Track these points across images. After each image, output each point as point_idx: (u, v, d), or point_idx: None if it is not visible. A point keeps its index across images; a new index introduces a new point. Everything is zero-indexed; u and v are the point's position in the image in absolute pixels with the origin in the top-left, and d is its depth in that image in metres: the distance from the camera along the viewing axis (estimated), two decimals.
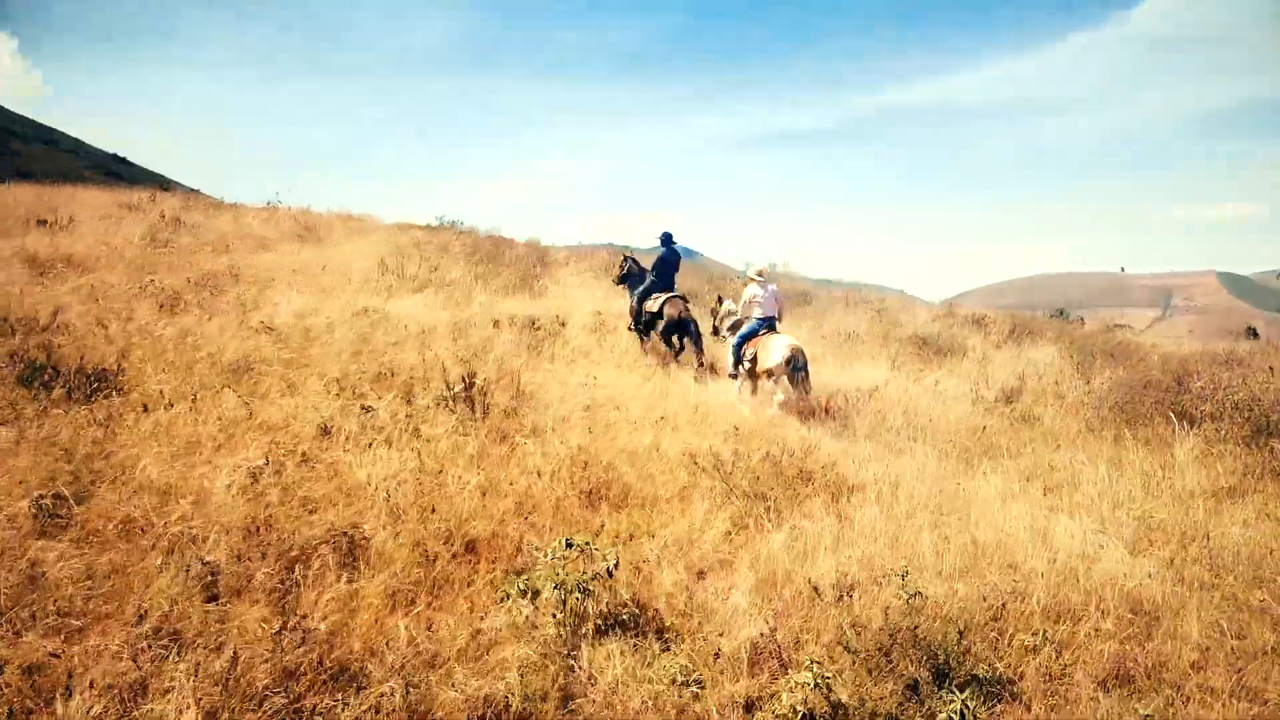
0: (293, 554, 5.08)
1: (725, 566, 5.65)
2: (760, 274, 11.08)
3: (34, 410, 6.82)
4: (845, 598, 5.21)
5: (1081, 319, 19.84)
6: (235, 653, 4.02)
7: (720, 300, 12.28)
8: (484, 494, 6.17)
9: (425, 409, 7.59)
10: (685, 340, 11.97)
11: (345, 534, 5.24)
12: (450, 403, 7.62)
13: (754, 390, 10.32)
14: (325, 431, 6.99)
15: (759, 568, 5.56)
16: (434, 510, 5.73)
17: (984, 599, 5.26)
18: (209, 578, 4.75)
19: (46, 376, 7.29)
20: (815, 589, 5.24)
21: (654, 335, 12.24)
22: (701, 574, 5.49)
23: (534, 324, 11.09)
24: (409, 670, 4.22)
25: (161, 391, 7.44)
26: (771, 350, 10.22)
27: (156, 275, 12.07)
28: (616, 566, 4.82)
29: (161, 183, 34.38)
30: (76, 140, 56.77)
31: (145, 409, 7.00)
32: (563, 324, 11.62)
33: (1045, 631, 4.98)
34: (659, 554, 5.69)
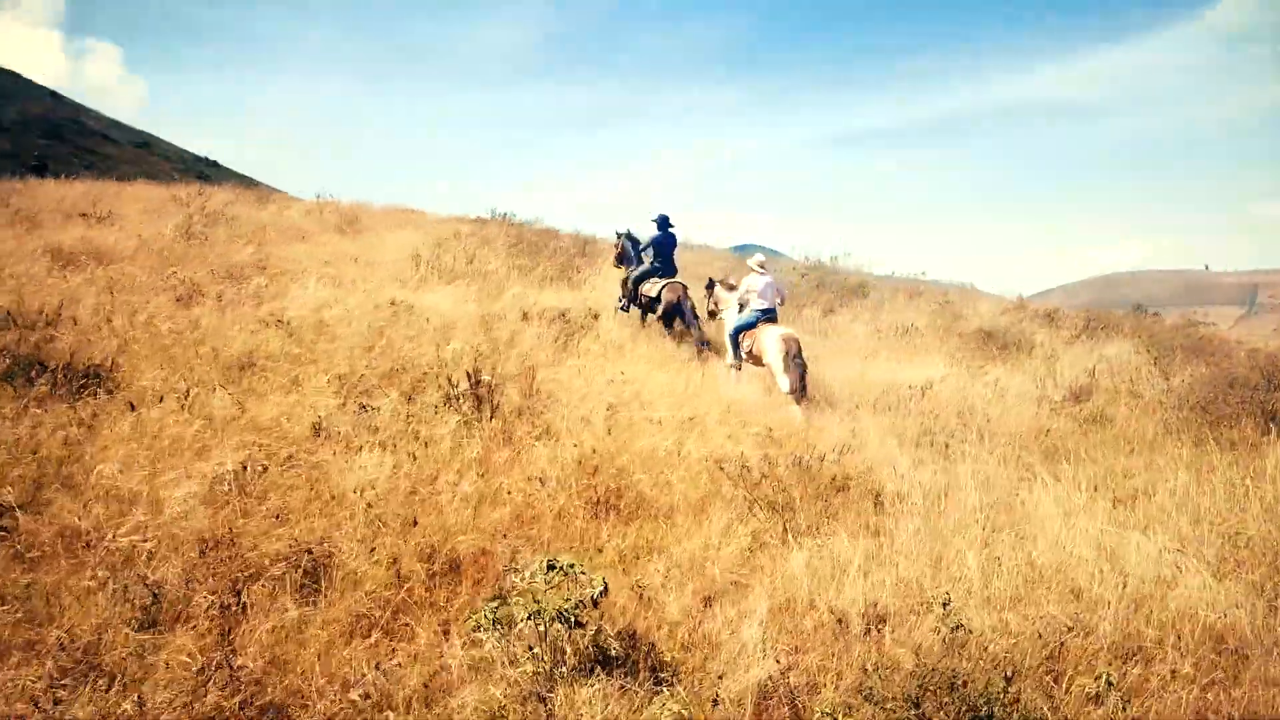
0: (250, 573, 4.56)
1: (741, 590, 4.98)
2: (761, 265, 10.86)
3: (13, 409, 6.42)
4: (874, 630, 4.52)
5: (1156, 313, 18.62)
6: (141, 696, 3.48)
7: (711, 283, 12.12)
8: (479, 504, 5.59)
9: (430, 408, 7.05)
10: (683, 324, 11.79)
11: (309, 550, 4.69)
12: (456, 402, 7.06)
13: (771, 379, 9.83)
14: (318, 432, 6.49)
15: (777, 593, 4.88)
16: (416, 523, 5.16)
17: (1039, 634, 4.52)
18: (149, 600, 4.24)
19: (33, 373, 6.91)
20: (840, 620, 4.56)
21: (651, 318, 12.20)
22: (708, 600, 4.82)
23: (564, 316, 10.50)
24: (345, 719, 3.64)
25: (153, 389, 7.02)
26: (767, 342, 9.93)
27: (181, 267, 11.74)
28: (604, 593, 4.18)
29: (246, 183, 34.70)
30: (169, 144, 57.97)
31: (131, 407, 6.58)
32: (595, 316, 11.02)
33: (1110, 675, 4.21)
34: (667, 574, 5.06)
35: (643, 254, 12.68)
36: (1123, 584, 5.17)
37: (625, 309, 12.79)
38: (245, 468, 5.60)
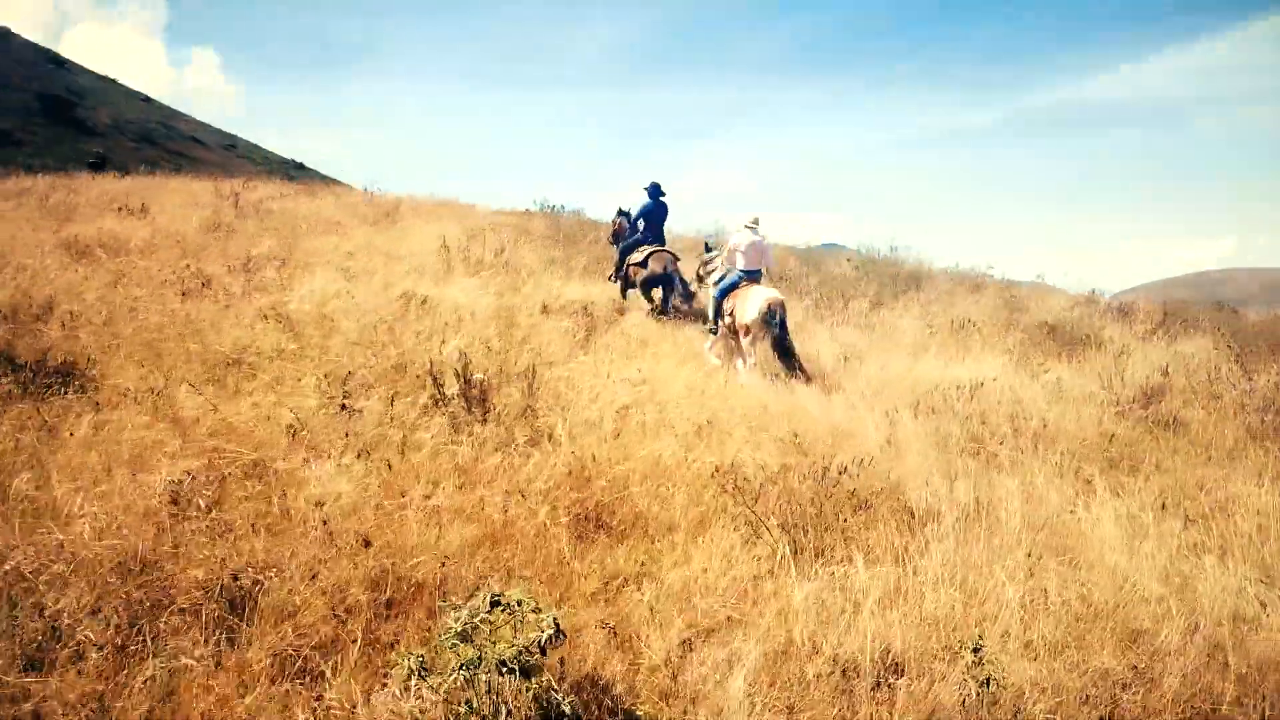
0: (165, 603, 4.00)
1: (735, 627, 4.29)
2: (755, 222, 10.36)
3: None
4: (886, 683, 3.79)
5: (1235, 310, 17.28)
6: None
7: (707, 247, 11.69)
8: (450, 521, 4.98)
9: (422, 410, 6.47)
10: (668, 294, 11.54)
11: (235, 577, 4.11)
12: (447, 403, 6.46)
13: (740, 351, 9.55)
14: (294, 435, 5.94)
15: (774, 633, 4.16)
16: (368, 543, 4.55)
17: (1088, 696, 3.74)
18: (43, 636, 3.70)
19: (2, 370, 6.50)
20: (845, 669, 3.84)
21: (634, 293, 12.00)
22: (691, 642, 4.12)
23: (586, 310, 9.86)
24: None
25: (128, 388, 6.56)
26: (748, 304, 9.45)
27: (196, 259, 11.39)
28: (557, 637, 3.50)
29: (325, 182, 34.85)
30: (256, 146, 59.01)
31: (98, 408, 6.11)
32: (620, 311, 10.37)
33: None
34: (654, 607, 4.38)
35: (635, 225, 12.34)
36: (1193, 624, 4.37)
37: (617, 279, 12.52)
38: (196, 476, 5.06)
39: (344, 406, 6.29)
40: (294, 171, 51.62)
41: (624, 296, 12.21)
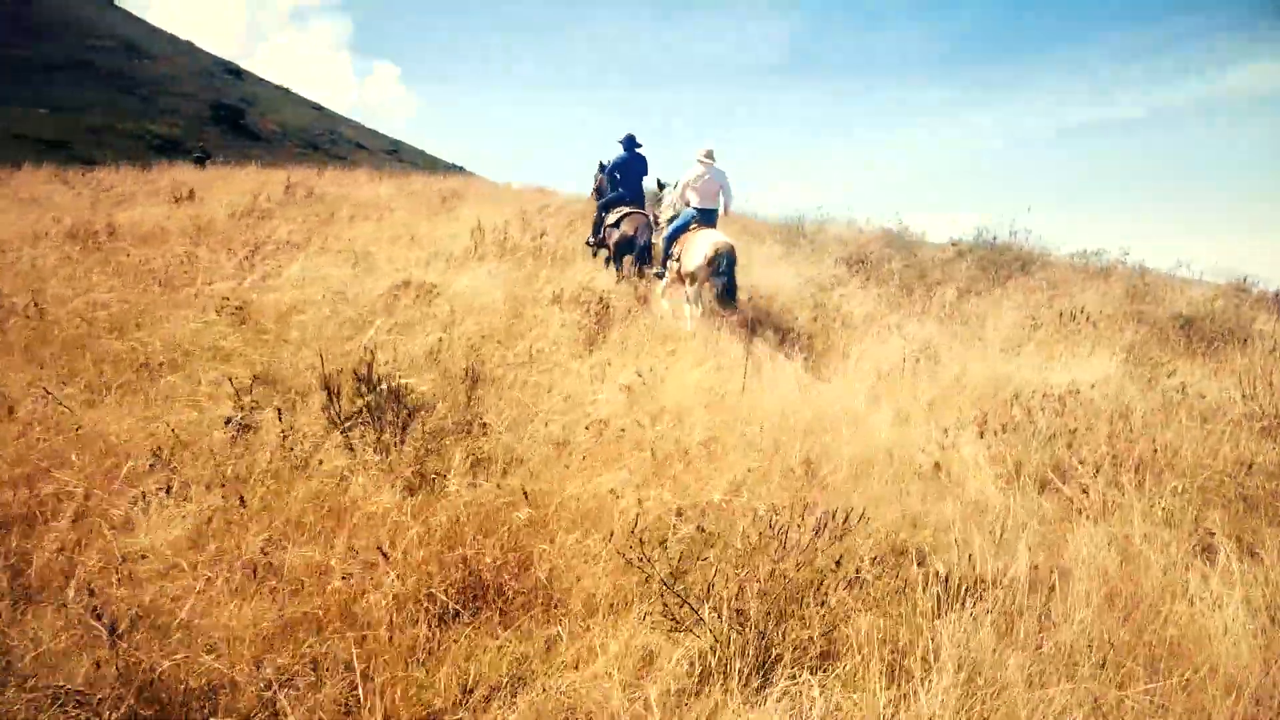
0: None
1: None
2: (709, 155, 9.45)
3: None
4: None
5: None
6: None
7: (660, 185, 11.09)
8: (271, 592, 3.65)
9: (325, 425, 5.15)
10: (641, 263, 10.44)
11: None
12: (348, 420, 5.10)
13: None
14: (155, 463, 4.70)
15: None
16: (115, 631, 3.23)
17: None
18: None
19: None
20: None
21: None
22: None
23: (601, 300, 8.40)
24: None
25: (4, 394, 5.48)
26: (694, 248, 8.75)
27: (207, 246, 10.48)
28: None
29: (470, 177, 34.76)
30: (420, 151, 60.19)
31: None
32: (643, 300, 8.89)
33: None
34: None
35: (611, 179, 11.35)
36: None
37: (591, 244, 11.62)
38: None
39: (229, 420, 5.04)
40: (450, 172, 52.29)
41: (606, 264, 11.13)
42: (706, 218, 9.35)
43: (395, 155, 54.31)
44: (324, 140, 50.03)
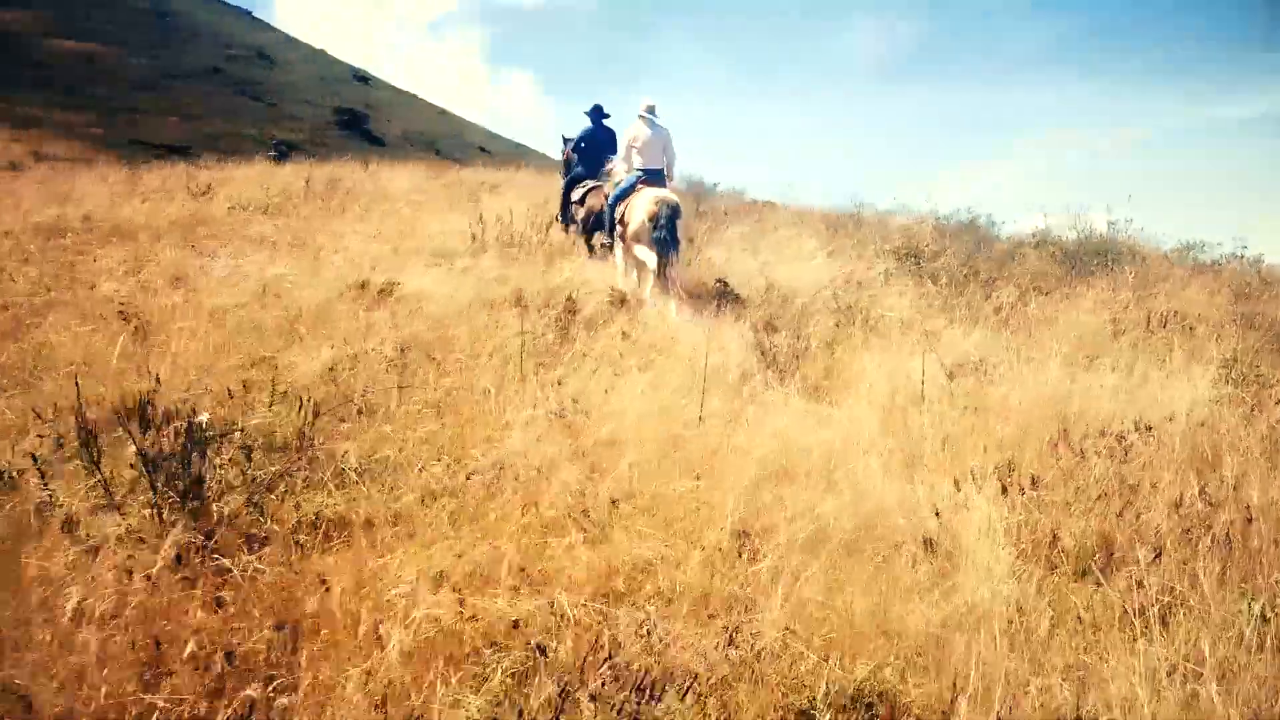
0: None
1: None
2: (650, 109, 8.75)
3: None
4: None
5: None
6: None
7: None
8: None
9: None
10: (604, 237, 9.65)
11: None
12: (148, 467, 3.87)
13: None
14: None
15: None
16: None
17: None
18: None
19: None
20: None
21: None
22: None
23: (572, 302, 7.07)
24: None
25: None
26: (636, 207, 8.19)
27: (172, 243, 9.53)
28: None
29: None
30: (544, 155, 60.76)
31: None
32: (620, 302, 7.50)
33: None
34: None
35: (579, 152, 10.42)
36: None
37: (562, 221, 10.81)
38: None
39: None
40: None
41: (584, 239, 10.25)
42: (652, 177, 8.62)
43: (519, 157, 54.31)
44: (445, 143, 50.03)
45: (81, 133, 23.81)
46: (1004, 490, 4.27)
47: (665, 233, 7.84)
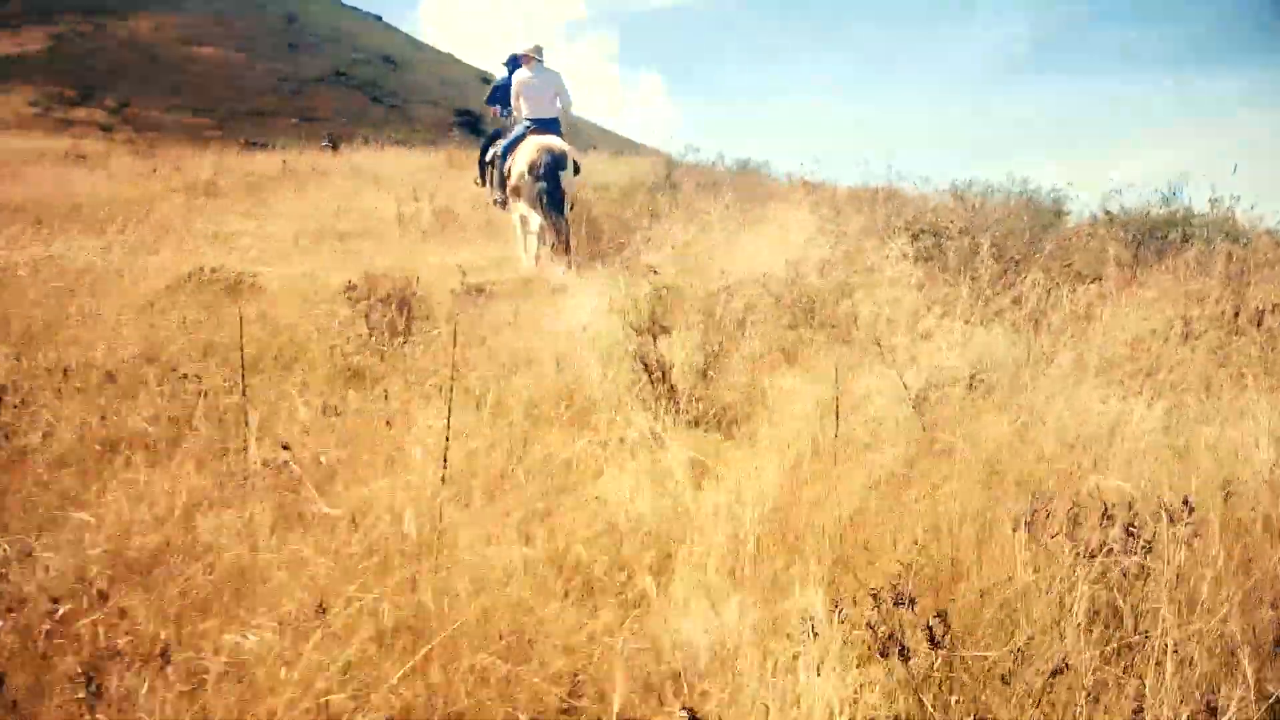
0: None
1: None
2: (537, 50, 7.88)
3: None
4: None
5: None
6: None
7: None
8: None
9: None
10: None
11: None
12: None
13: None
14: None
15: None
16: None
17: None
18: None
19: None
20: None
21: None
22: None
23: (409, 291, 5.34)
24: None
25: None
26: (517, 158, 7.61)
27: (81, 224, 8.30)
28: None
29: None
30: (654, 150, 61.13)
31: None
32: (480, 290, 5.75)
33: None
34: None
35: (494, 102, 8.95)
36: None
37: (482, 184, 9.17)
38: None
39: None
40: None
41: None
42: (544, 127, 7.83)
43: (620, 150, 54.43)
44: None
45: (198, 134, 24.39)
46: (874, 650, 2.34)
47: (548, 184, 7.16)
